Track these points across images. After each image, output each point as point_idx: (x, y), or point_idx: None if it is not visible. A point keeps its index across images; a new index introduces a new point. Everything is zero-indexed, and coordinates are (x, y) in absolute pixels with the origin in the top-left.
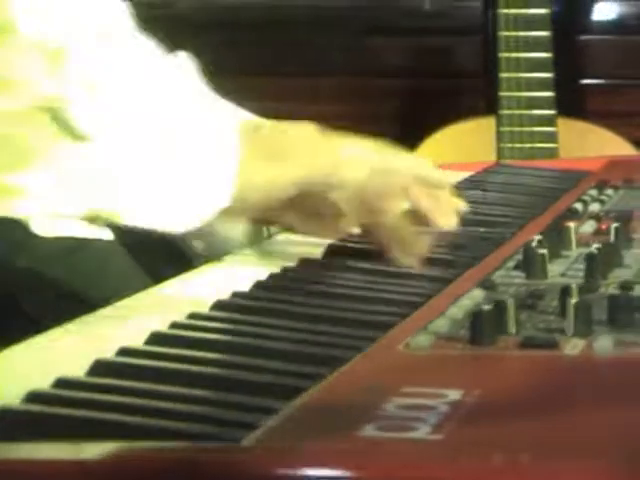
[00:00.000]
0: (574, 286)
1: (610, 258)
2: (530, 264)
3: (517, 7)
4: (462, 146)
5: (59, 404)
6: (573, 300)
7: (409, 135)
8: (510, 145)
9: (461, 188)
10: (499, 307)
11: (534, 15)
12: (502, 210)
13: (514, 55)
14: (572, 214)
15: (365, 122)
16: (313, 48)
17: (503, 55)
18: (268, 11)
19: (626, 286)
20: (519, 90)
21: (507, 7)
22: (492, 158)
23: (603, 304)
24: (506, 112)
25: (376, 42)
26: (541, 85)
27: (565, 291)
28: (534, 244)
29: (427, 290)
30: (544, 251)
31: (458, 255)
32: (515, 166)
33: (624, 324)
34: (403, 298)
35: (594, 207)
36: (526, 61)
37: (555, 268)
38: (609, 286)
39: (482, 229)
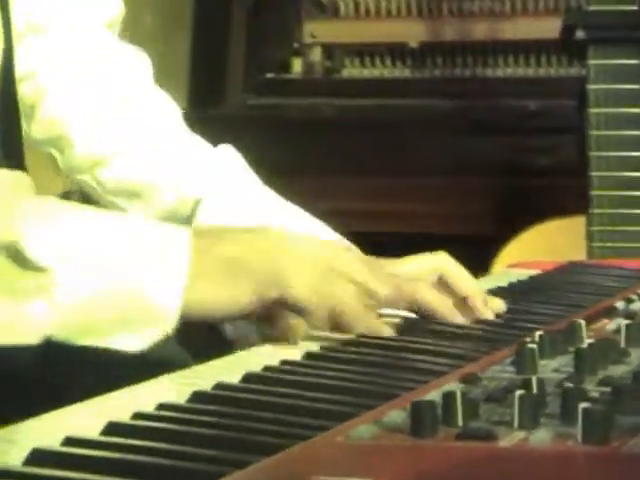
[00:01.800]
0: (534, 379)
1: (608, 354)
2: (520, 359)
3: (608, 106)
4: (553, 244)
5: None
6: (518, 393)
7: (503, 233)
8: (600, 244)
9: (513, 287)
10: (447, 399)
11: (625, 114)
12: (541, 307)
13: (604, 154)
14: (608, 312)
15: (459, 220)
16: (414, 147)
17: (594, 154)
18: (370, 112)
19: (606, 382)
20: (610, 189)
21: (597, 106)
22: (583, 257)
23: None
24: (597, 211)
25: (474, 141)
26: (632, 184)
27: (524, 384)
28: (528, 339)
29: (409, 383)
30: (534, 346)
31: (464, 348)
32: (588, 265)
33: (575, 417)
34: (379, 390)
35: (636, 306)
36: (617, 160)
37: (553, 363)
38: (592, 382)
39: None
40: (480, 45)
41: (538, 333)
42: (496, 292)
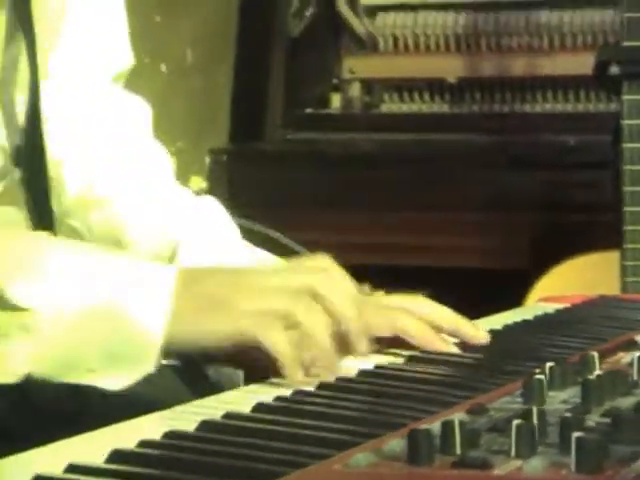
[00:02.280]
0: (534, 410)
1: (617, 386)
2: (528, 390)
3: None
4: (586, 279)
5: None
6: (515, 422)
7: (539, 267)
8: (634, 279)
9: (538, 319)
10: (445, 428)
11: None
12: (561, 340)
13: (638, 189)
14: (628, 345)
15: (496, 254)
16: (452, 182)
17: (627, 189)
18: (408, 147)
19: (609, 413)
20: None
21: (631, 141)
22: (617, 291)
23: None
24: (630, 246)
25: (511, 176)
26: None
27: (524, 414)
28: (537, 371)
29: (417, 413)
30: (542, 377)
31: (476, 380)
32: (618, 299)
33: (571, 446)
34: (384, 419)
35: None
36: None
37: (562, 395)
38: (597, 413)
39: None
40: (518, 81)
41: (548, 365)
42: (520, 325)
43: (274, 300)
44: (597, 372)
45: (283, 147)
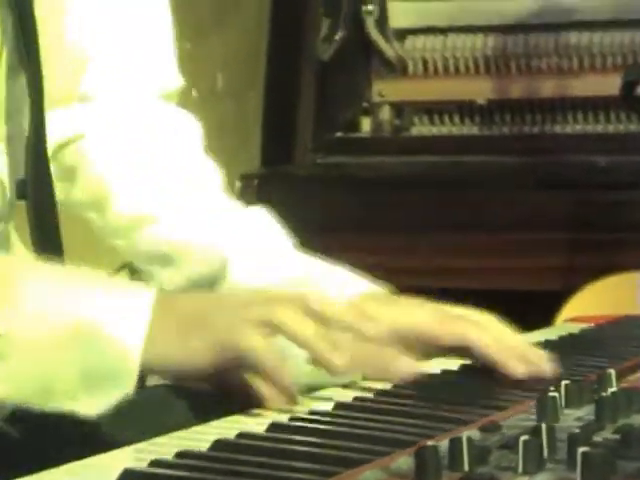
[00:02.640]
0: (543, 426)
1: (632, 403)
2: (541, 407)
3: None
4: (616, 299)
5: None
6: (522, 438)
7: (570, 288)
8: None
9: (561, 339)
10: (453, 444)
11: None
12: (582, 359)
13: None
14: None
15: (527, 275)
16: (482, 204)
17: None
18: (439, 170)
19: (621, 430)
20: None
21: None
22: None
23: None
24: None
25: (542, 197)
26: None
27: (534, 430)
28: (552, 388)
29: (431, 431)
30: (555, 394)
31: (493, 398)
32: None
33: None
34: (397, 437)
35: None
36: None
37: (577, 412)
38: (610, 430)
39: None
40: (548, 102)
41: (564, 382)
42: (542, 345)
43: (251, 310)
44: (612, 389)
45: (313, 171)
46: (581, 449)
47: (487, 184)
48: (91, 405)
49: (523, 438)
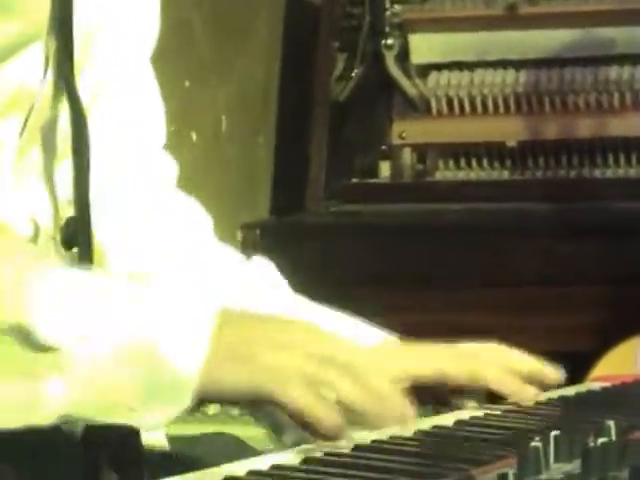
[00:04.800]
0: (510, 474)
1: (626, 456)
2: (523, 460)
3: None
4: None
5: None
6: None
7: (603, 347)
8: None
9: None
10: None
11: None
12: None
13: None
14: None
15: (555, 334)
16: (511, 256)
17: None
18: (465, 218)
19: None
20: None
21: None
22: None
23: None
24: None
25: (578, 248)
26: None
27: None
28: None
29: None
30: (538, 445)
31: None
32: None
33: None
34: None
35: None
36: None
37: (567, 467)
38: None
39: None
40: (586, 143)
41: (553, 434)
42: (553, 400)
43: (295, 356)
44: (604, 440)
45: (325, 220)
46: None
47: (518, 233)
48: (151, 419)
49: None
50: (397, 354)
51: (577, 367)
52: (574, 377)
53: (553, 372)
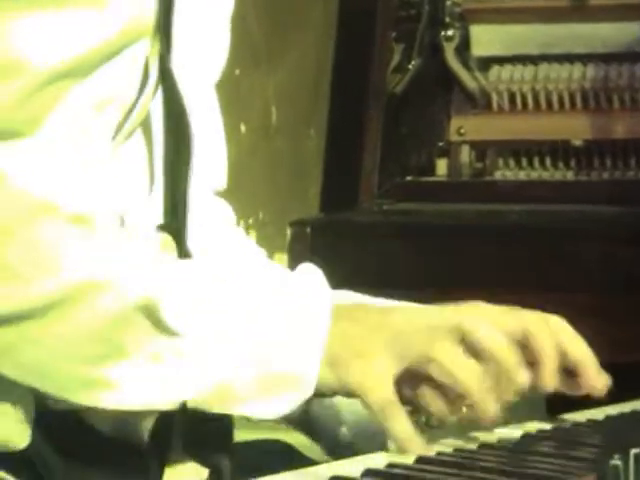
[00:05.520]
0: None
1: None
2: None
3: None
4: None
5: None
6: None
7: None
8: None
9: None
10: None
11: None
12: None
13: None
14: None
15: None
16: (574, 260)
17: None
18: (525, 220)
19: None
20: None
21: None
22: None
23: None
24: None
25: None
26: None
27: None
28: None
29: None
30: (618, 463)
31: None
32: None
33: None
34: None
35: None
36: None
37: None
38: None
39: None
40: None
41: (633, 451)
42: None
43: (409, 348)
44: None
45: (378, 219)
46: None
47: (583, 237)
48: (266, 410)
49: None
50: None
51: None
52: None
53: (599, 373)
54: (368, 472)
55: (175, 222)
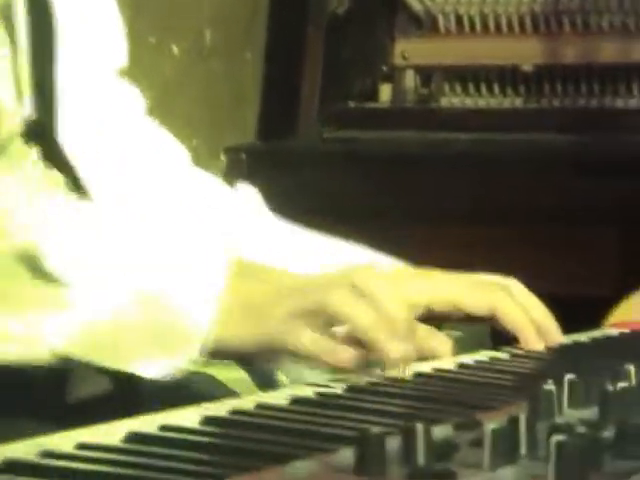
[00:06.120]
0: (522, 417)
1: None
2: (534, 404)
3: None
4: None
5: None
6: (490, 427)
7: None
8: None
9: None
10: (408, 436)
11: None
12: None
13: None
14: None
15: (570, 278)
16: (524, 191)
17: None
18: (472, 149)
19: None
20: None
21: None
22: None
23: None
24: None
25: (598, 185)
26: None
27: (510, 422)
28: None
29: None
30: (551, 388)
31: (482, 398)
32: None
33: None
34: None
35: None
36: None
37: (582, 413)
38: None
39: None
40: (609, 69)
41: (567, 378)
42: (566, 345)
43: (306, 299)
44: (623, 385)
45: (318, 147)
46: (556, 438)
47: (531, 167)
48: (154, 368)
49: (491, 427)
50: (412, 280)
51: (597, 313)
52: (594, 323)
53: (558, 333)
54: (208, 420)
55: (44, 116)
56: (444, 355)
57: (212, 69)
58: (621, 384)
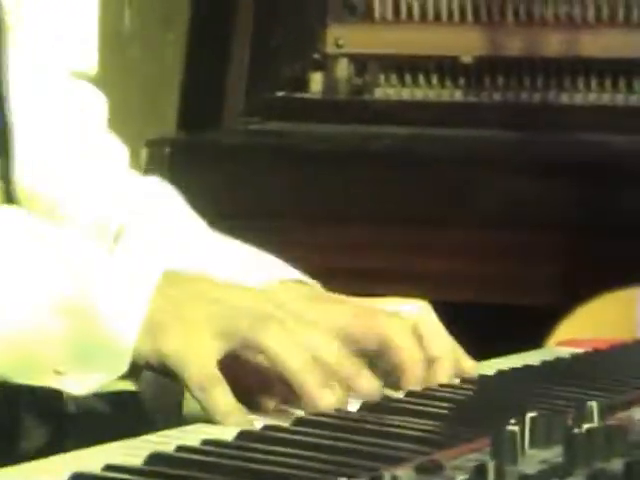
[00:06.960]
0: (491, 465)
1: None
2: (498, 445)
3: None
4: (620, 318)
5: None
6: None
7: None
8: None
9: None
10: None
11: None
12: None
13: None
14: None
15: (513, 286)
16: (462, 191)
17: None
18: (408, 144)
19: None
20: None
21: None
22: None
23: None
24: None
25: (541, 185)
26: None
27: (479, 471)
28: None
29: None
30: (515, 429)
31: (441, 433)
32: None
33: None
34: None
35: None
36: None
37: (544, 454)
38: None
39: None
40: (553, 63)
41: (529, 415)
42: (518, 371)
43: (235, 335)
44: (590, 426)
45: (244, 140)
46: None
47: (470, 165)
48: (79, 384)
49: (460, 478)
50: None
51: (539, 323)
52: (536, 334)
53: (468, 362)
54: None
55: None
56: (371, 396)
57: (131, 53)
58: (586, 424)
